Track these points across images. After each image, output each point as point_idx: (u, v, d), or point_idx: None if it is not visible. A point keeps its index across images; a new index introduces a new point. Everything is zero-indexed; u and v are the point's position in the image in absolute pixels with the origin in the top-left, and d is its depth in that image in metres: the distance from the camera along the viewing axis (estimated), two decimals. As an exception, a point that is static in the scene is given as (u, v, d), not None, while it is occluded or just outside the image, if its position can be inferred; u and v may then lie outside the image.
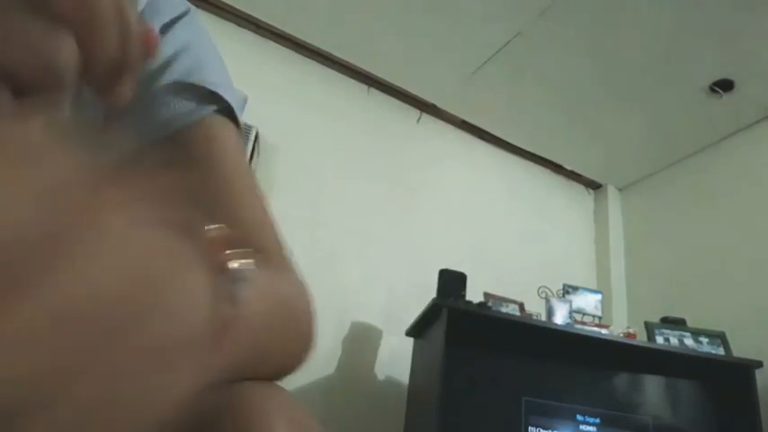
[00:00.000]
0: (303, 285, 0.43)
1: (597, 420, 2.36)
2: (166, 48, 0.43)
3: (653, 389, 2.56)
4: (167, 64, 0.43)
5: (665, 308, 2.95)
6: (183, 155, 0.42)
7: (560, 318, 2.58)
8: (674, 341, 2.56)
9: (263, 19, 2.96)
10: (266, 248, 0.43)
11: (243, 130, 0.46)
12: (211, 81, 0.44)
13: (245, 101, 0.46)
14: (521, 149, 3.75)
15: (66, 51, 0.22)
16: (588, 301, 2.88)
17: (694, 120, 3.23)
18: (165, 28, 0.44)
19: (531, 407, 2.31)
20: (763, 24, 2.56)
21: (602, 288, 3.40)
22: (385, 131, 3.30)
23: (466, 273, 2.49)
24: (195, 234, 0.23)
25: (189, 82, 0.43)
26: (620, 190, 3.99)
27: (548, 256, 3.54)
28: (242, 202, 0.43)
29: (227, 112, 0.44)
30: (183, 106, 0.42)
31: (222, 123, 0.44)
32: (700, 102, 3.08)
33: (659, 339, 2.55)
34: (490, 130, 3.62)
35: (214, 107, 0.43)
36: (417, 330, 2.52)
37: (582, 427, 2.35)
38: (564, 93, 3.18)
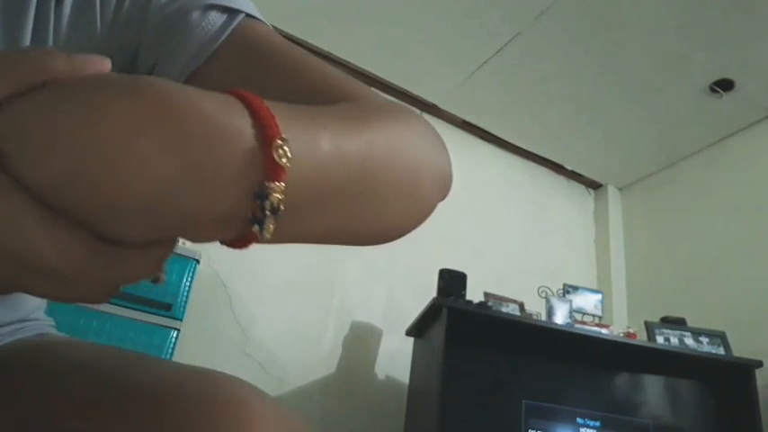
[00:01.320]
0: (415, 122, 0.40)
1: (597, 423, 2.36)
2: None
3: (653, 389, 2.56)
4: None
5: (666, 307, 2.95)
6: (243, 57, 0.44)
7: (560, 317, 2.58)
8: (674, 341, 2.56)
9: (264, 19, 2.96)
10: (353, 94, 0.44)
11: (266, 22, 0.49)
12: None
13: (254, 7, 0.48)
14: (521, 149, 3.75)
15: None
16: (588, 301, 2.88)
17: (694, 120, 3.23)
18: None
19: (531, 410, 2.31)
20: (763, 24, 2.56)
21: (603, 288, 3.40)
22: (385, 131, 3.29)
23: (466, 272, 2.49)
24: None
25: (208, 3, 0.44)
26: (620, 190, 3.99)
27: (548, 256, 3.54)
28: (321, 73, 0.45)
29: (251, 17, 0.47)
30: (215, 20, 0.44)
31: (256, 23, 0.47)
32: (700, 102, 3.08)
33: (659, 339, 2.55)
34: (490, 130, 3.62)
35: (242, 14, 0.46)
36: (417, 330, 2.52)
37: (582, 430, 2.35)
38: (564, 93, 3.18)
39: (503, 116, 3.48)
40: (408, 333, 2.59)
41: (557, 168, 3.89)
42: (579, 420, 2.35)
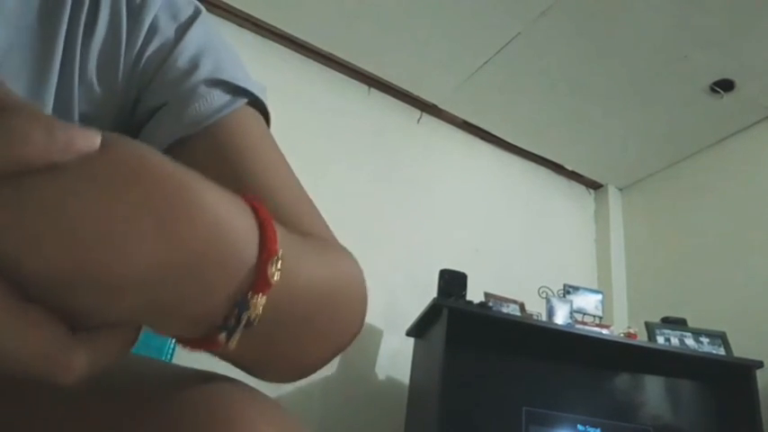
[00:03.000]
0: (358, 269, 0.41)
1: (598, 430, 2.36)
2: (188, 49, 0.45)
3: (653, 389, 2.56)
4: (193, 64, 0.44)
5: (666, 308, 2.95)
6: (222, 146, 0.43)
7: (561, 318, 2.57)
8: (674, 341, 2.56)
9: (264, 19, 2.96)
10: (320, 233, 0.45)
11: (269, 116, 0.49)
12: (237, 76, 0.45)
13: (264, 90, 0.48)
14: (521, 149, 3.75)
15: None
16: (589, 301, 2.88)
17: (695, 120, 3.23)
18: (182, 29, 0.46)
19: (532, 416, 2.30)
20: (762, 24, 2.56)
21: (603, 288, 3.39)
22: (385, 132, 3.30)
23: (466, 273, 2.49)
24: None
25: (218, 78, 0.44)
26: (620, 190, 3.99)
27: (548, 256, 3.54)
28: (288, 186, 0.45)
29: (256, 103, 0.47)
30: (218, 99, 0.44)
31: (255, 114, 0.47)
32: (700, 102, 3.08)
33: (660, 339, 2.55)
34: (491, 131, 3.62)
35: (245, 99, 0.45)
36: (418, 330, 2.52)
37: (582, 436, 2.35)
38: (564, 93, 3.18)
39: (503, 116, 3.48)
40: (409, 333, 2.59)
41: (557, 169, 3.89)
42: (580, 427, 2.35)
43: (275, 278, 0.26)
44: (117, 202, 0.20)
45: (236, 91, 0.45)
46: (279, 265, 0.26)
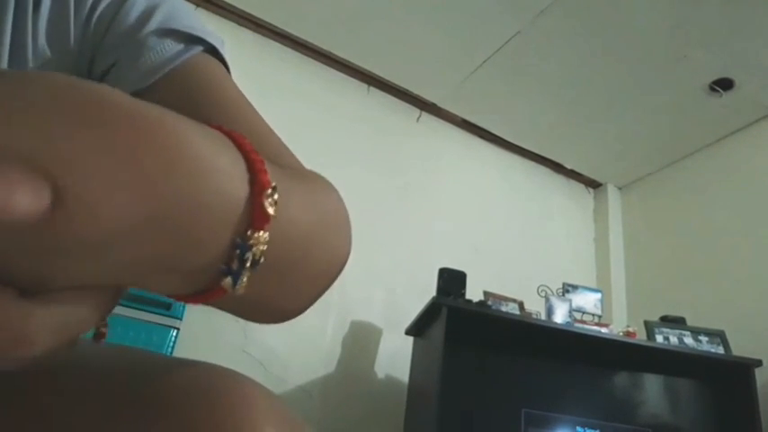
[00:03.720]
0: (337, 194, 0.39)
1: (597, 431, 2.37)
2: (138, 3, 0.44)
3: (652, 388, 2.56)
4: (144, 18, 0.44)
5: (665, 306, 2.95)
6: (184, 93, 0.42)
7: (560, 316, 2.58)
8: (673, 340, 2.56)
9: (263, 18, 2.96)
10: (295, 166, 0.43)
11: (229, 67, 0.47)
12: (190, 26, 0.44)
13: (222, 42, 0.47)
14: (521, 148, 3.75)
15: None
16: (588, 300, 2.88)
17: (694, 119, 3.23)
18: None
19: (531, 418, 2.30)
20: (762, 24, 2.56)
21: (602, 287, 3.40)
22: (385, 130, 3.30)
23: (465, 271, 2.49)
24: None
25: (170, 28, 0.43)
26: (619, 189, 4.00)
27: (547, 255, 3.54)
28: (256, 124, 0.43)
29: (212, 51, 0.45)
30: (171, 48, 0.43)
31: (212, 60, 0.45)
32: (700, 101, 3.08)
33: (659, 338, 2.55)
34: (490, 129, 3.62)
35: (200, 47, 0.44)
36: (417, 329, 2.52)
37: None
38: (564, 92, 3.18)
39: (502, 115, 3.48)
40: (408, 332, 2.59)
41: (556, 167, 3.89)
42: (579, 429, 2.35)
43: (273, 211, 0.24)
44: (80, 149, 0.18)
45: (191, 39, 0.44)
46: (275, 197, 0.24)
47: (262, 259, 0.24)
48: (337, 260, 0.37)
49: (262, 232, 0.23)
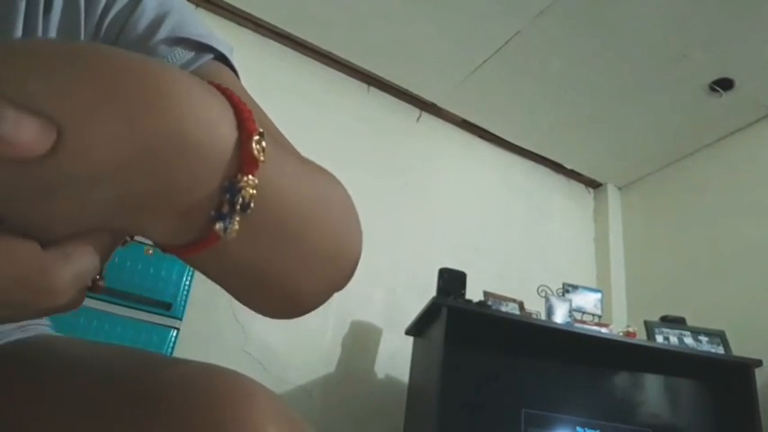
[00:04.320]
0: (344, 190, 0.39)
1: (597, 432, 2.37)
2: (147, 12, 0.44)
3: (652, 388, 2.56)
4: (154, 26, 0.44)
5: (665, 306, 2.95)
6: None
7: (560, 317, 2.58)
8: (673, 340, 2.56)
9: (264, 18, 2.96)
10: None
11: (238, 74, 0.48)
12: (199, 34, 0.45)
13: (231, 50, 0.47)
14: (521, 148, 3.75)
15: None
16: (588, 300, 2.88)
17: (694, 119, 3.23)
18: None
19: (531, 418, 2.30)
20: (763, 24, 2.56)
21: (602, 287, 3.40)
22: (385, 130, 3.30)
23: (466, 271, 2.49)
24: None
25: (180, 36, 0.44)
26: (620, 189, 4.00)
27: (548, 255, 3.54)
28: (269, 131, 0.44)
29: (221, 59, 0.46)
30: (181, 56, 0.43)
31: (222, 67, 0.46)
32: (700, 101, 3.08)
33: (659, 338, 2.55)
34: (490, 129, 3.62)
35: (210, 55, 0.45)
36: (417, 329, 2.52)
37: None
38: (564, 92, 3.18)
39: (502, 115, 3.48)
40: (408, 332, 2.60)
41: (556, 167, 3.89)
42: (579, 430, 2.35)
43: (261, 156, 0.24)
44: (74, 90, 0.19)
45: (200, 48, 0.44)
46: (263, 144, 0.24)
47: (251, 204, 0.24)
48: (344, 251, 0.36)
49: (251, 176, 0.24)
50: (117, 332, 1.89)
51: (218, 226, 0.24)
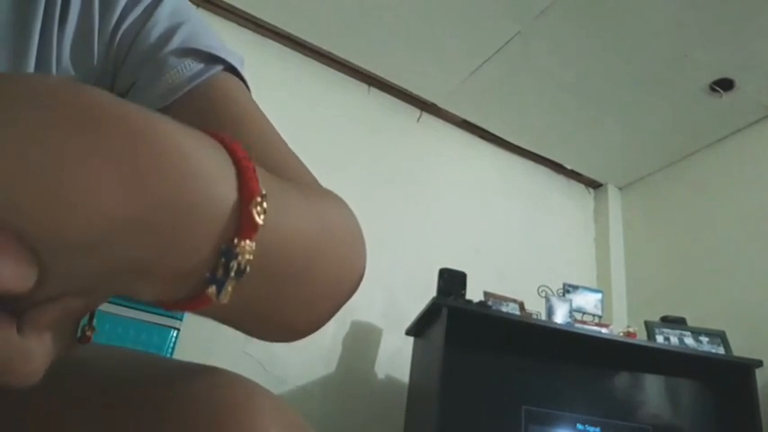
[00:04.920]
0: (349, 210, 0.39)
1: (597, 429, 2.36)
2: (159, 24, 0.45)
3: (653, 388, 2.56)
4: (165, 38, 0.44)
5: (666, 307, 2.95)
6: (203, 112, 0.43)
7: (560, 317, 2.58)
8: (674, 340, 2.56)
9: (264, 18, 2.96)
10: (308, 183, 0.43)
11: (248, 86, 0.48)
12: (210, 45, 0.45)
13: (242, 61, 0.47)
14: (521, 148, 3.75)
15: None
16: (588, 301, 2.88)
17: (694, 119, 3.23)
18: (153, 5, 0.46)
19: (531, 415, 2.30)
20: (763, 24, 2.56)
21: (603, 287, 3.40)
22: (385, 130, 3.30)
23: (466, 272, 2.49)
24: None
25: (191, 47, 0.44)
26: (620, 189, 3.99)
27: (548, 255, 3.54)
28: (277, 148, 0.44)
29: (232, 70, 0.46)
30: (191, 68, 0.43)
31: (232, 79, 0.46)
32: (700, 101, 3.08)
33: (659, 338, 2.55)
34: (490, 130, 3.62)
35: (220, 66, 0.45)
36: (417, 329, 2.52)
37: (582, 435, 2.35)
38: (564, 92, 3.18)
39: (503, 115, 3.48)
40: (408, 332, 2.59)
41: (556, 168, 3.89)
42: (579, 426, 2.35)
43: (261, 220, 0.23)
44: (67, 148, 0.18)
45: (210, 59, 0.44)
46: (264, 206, 0.23)
47: (248, 269, 0.23)
48: (349, 275, 0.36)
49: (248, 241, 0.23)
50: (117, 332, 1.89)
51: (211, 290, 0.23)
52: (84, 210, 0.18)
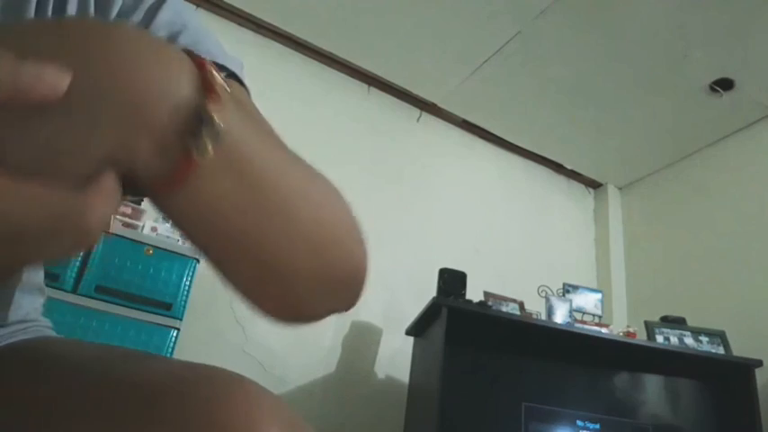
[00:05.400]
0: (341, 194, 0.39)
1: (597, 426, 2.36)
2: (160, 31, 0.44)
3: (653, 388, 2.56)
4: (170, 40, 0.44)
5: (665, 307, 2.95)
6: None
7: (560, 317, 2.58)
8: (673, 340, 2.56)
9: (264, 18, 2.96)
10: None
11: (249, 90, 0.48)
12: (211, 53, 0.45)
13: (242, 66, 0.47)
14: (521, 148, 3.75)
15: None
16: (588, 300, 2.88)
17: (694, 119, 3.23)
18: (152, 11, 0.45)
19: (531, 412, 2.30)
20: (763, 24, 2.56)
21: (603, 287, 3.40)
22: (385, 130, 3.30)
23: (466, 272, 2.49)
24: None
25: None
26: (620, 189, 4.00)
27: (548, 255, 3.54)
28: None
29: (233, 76, 0.46)
30: None
31: (236, 86, 0.46)
32: (700, 101, 3.08)
33: (659, 338, 2.55)
34: (490, 129, 3.62)
35: (222, 74, 0.44)
36: (417, 329, 2.52)
37: (581, 432, 2.35)
38: (564, 92, 3.18)
39: (502, 115, 3.48)
40: (408, 332, 2.60)
41: (556, 168, 3.89)
42: (579, 423, 2.35)
43: (221, 90, 0.26)
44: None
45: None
46: (227, 87, 0.26)
47: (219, 133, 0.26)
48: (346, 255, 0.36)
49: (215, 104, 0.26)
50: (117, 332, 1.89)
51: (192, 144, 0.25)
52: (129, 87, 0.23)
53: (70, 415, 0.35)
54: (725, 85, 2.94)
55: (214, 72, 0.27)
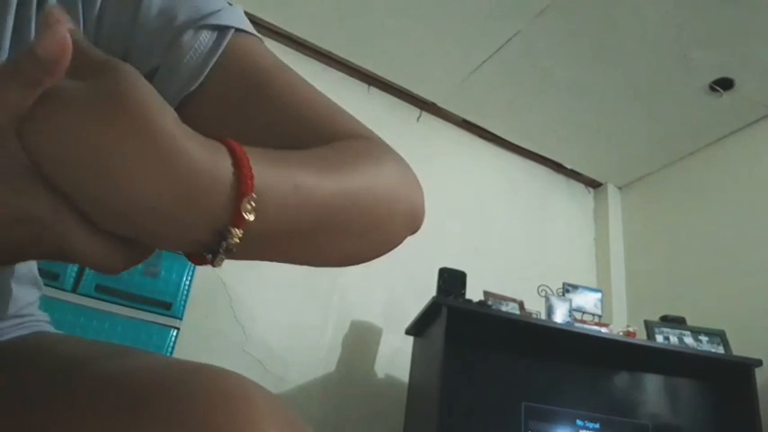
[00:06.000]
0: (397, 168, 0.44)
1: (597, 425, 2.36)
2: (154, 3, 0.44)
3: (653, 388, 2.56)
4: (167, 16, 0.44)
5: (665, 306, 2.95)
6: (232, 81, 0.45)
7: (560, 316, 2.58)
8: (673, 340, 2.56)
9: (264, 18, 2.96)
10: (359, 132, 0.46)
11: (258, 36, 0.50)
12: (213, 10, 0.45)
13: (242, 16, 0.49)
14: (521, 148, 3.75)
15: None
16: (588, 300, 2.88)
17: (694, 119, 3.23)
18: None
19: (531, 411, 2.30)
20: (763, 24, 2.56)
21: (602, 287, 3.40)
22: (385, 130, 3.23)
23: (466, 271, 2.49)
24: None
25: (196, 20, 0.44)
26: (620, 188, 4.00)
27: (548, 255, 3.54)
28: (313, 96, 0.49)
29: (241, 30, 0.48)
30: (206, 42, 0.44)
31: (246, 38, 0.48)
32: (700, 101, 3.08)
33: (659, 338, 2.55)
34: (490, 129, 3.62)
35: (231, 30, 0.46)
36: (417, 329, 2.52)
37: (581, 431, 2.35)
38: (564, 91, 3.18)
39: (502, 115, 3.48)
40: (408, 332, 2.60)
41: (556, 167, 3.89)
42: (579, 422, 2.35)
43: (250, 216, 0.29)
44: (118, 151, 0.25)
45: (219, 27, 0.45)
46: (254, 204, 0.29)
47: (234, 249, 0.29)
48: (376, 241, 0.43)
49: (237, 229, 0.29)
50: (117, 332, 1.90)
51: (209, 257, 0.30)
52: (121, 192, 0.25)
53: (67, 412, 0.35)
54: (725, 84, 2.94)
55: (249, 203, 0.29)
